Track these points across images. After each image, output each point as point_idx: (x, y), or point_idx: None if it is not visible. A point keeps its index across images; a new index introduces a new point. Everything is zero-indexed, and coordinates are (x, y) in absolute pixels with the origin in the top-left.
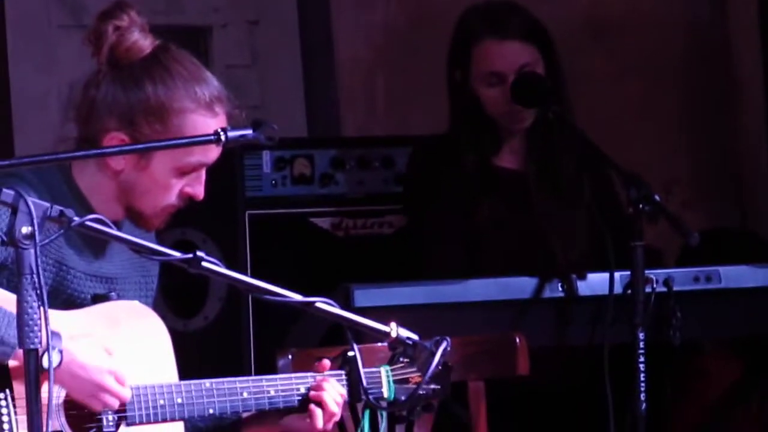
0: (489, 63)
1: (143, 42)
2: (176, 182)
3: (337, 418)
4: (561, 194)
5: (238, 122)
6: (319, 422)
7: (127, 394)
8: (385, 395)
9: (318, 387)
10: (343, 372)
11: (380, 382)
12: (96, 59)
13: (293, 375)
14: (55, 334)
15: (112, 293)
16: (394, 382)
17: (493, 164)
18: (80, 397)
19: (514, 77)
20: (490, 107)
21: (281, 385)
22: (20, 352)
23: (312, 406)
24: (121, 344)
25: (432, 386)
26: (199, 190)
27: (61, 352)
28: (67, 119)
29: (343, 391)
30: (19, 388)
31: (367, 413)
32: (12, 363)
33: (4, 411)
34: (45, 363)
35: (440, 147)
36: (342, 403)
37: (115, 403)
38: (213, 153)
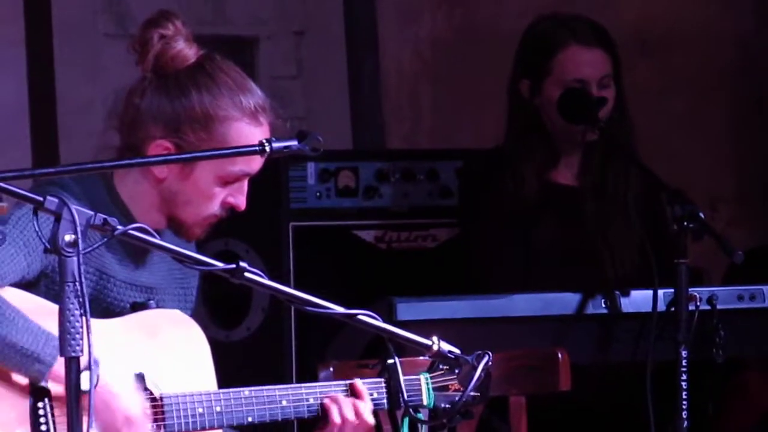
0: (574, 69)
1: (188, 51)
2: (219, 191)
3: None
4: (614, 211)
5: (282, 132)
6: None
7: None
8: (425, 402)
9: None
10: (382, 380)
11: (420, 390)
12: (141, 67)
13: (332, 383)
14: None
15: (151, 301)
16: (434, 389)
17: (549, 179)
18: (106, 424)
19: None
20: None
21: (320, 393)
22: (56, 370)
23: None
24: (159, 353)
25: (472, 393)
26: (241, 201)
27: (97, 377)
28: (108, 127)
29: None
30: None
31: (406, 421)
32: (52, 387)
33: (42, 420)
34: (84, 384)
35: (495, 161)
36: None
37: None
38: (256, 163)
